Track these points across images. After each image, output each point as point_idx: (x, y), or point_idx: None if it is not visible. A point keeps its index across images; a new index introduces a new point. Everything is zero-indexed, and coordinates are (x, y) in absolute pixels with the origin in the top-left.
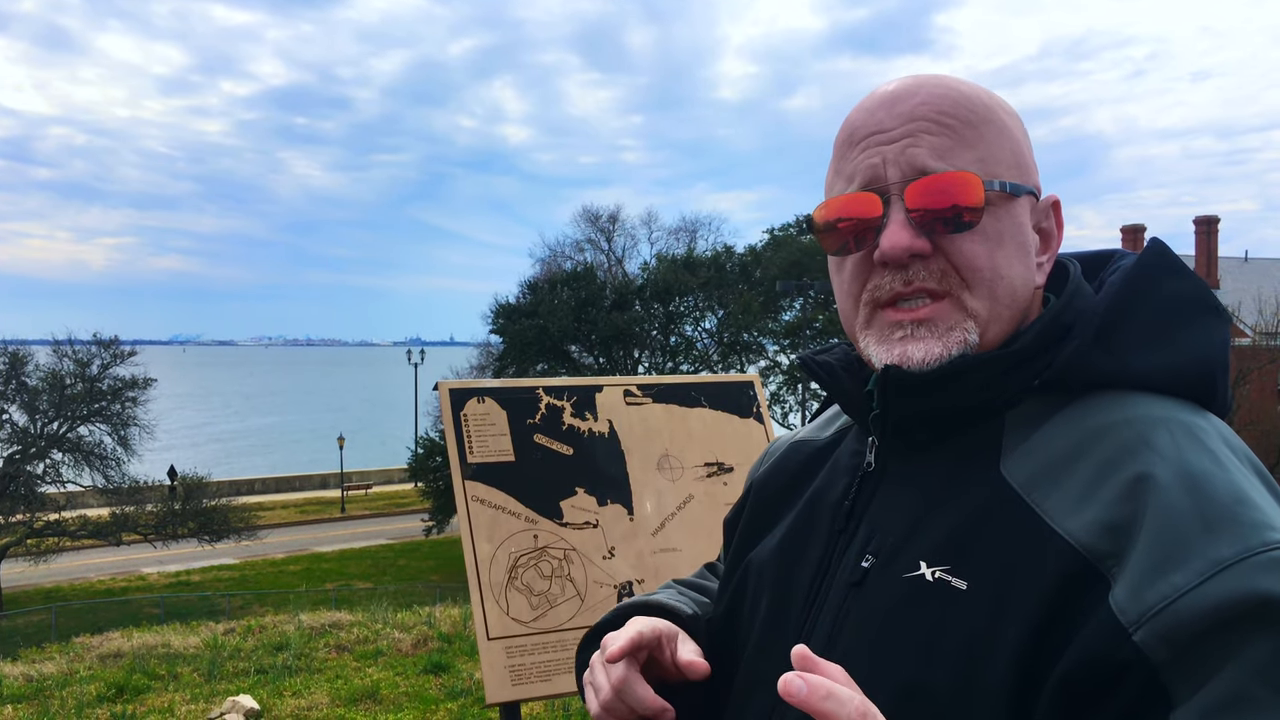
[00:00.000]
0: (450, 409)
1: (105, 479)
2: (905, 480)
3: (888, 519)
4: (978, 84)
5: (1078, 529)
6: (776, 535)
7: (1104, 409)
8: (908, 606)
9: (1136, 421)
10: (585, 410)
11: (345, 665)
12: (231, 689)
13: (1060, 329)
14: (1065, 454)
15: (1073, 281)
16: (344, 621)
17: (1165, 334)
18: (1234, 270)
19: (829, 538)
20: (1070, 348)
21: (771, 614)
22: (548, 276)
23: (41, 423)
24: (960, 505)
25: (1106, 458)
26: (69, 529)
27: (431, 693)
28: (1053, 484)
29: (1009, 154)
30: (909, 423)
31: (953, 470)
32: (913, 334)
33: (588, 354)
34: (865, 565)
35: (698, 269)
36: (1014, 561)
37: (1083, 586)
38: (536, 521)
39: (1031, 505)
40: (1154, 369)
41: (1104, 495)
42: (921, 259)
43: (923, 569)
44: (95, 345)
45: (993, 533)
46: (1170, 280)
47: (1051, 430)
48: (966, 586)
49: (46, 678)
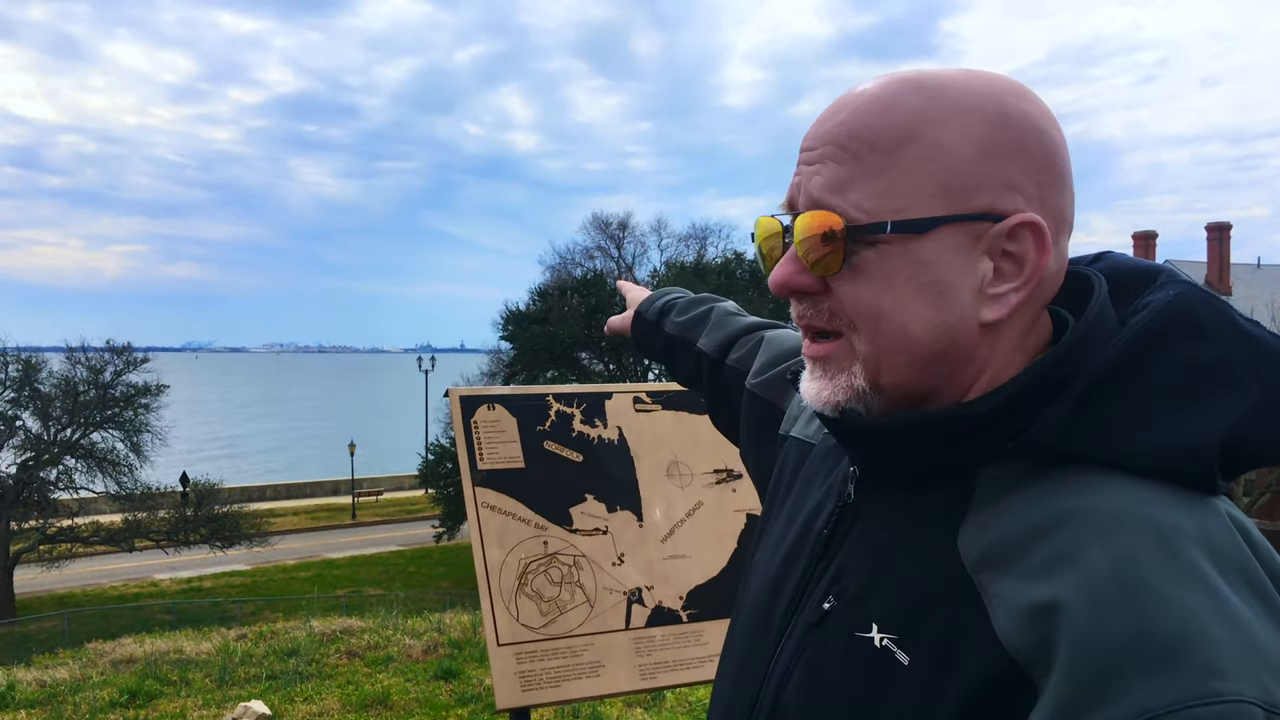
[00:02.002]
0: (461, 416)
1: (118, 485)
2: (878, 522)
3: (855, 562)
4: (940, 81)
5: (1010, 626)
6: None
7: (1074, 491)
8: (852, 667)
9: (1100, 516)
10: (595, 417)
11: (356, 671)
12: (243, 695)
13: (1052, 385)
14: (1020, 536)
15: (1084, 320)
16: (355, 628)
17: (1166, 410)
18: (1246, 277)
19: (807, 564)
20: (1048, 416)
21: (750, 629)
22: (558, 283)
23: (55, 429)
24: (917, 572)
25: (1056, 552)
26: (82, 535)
27: (442, 699)
28: (1003, 567)
29: (931, 181)
30: (876, 467)
31: (917, 527)
32: (812, 371)
33: (597, 361)
34: (826, 607)
35: (707, 276)
36: (952, 647)
37: (1011, 691)
38: (546, 528)
39: (979, 588)
40: (1143, 450)
41: (1042, 593)
42: (810, 296)
43: (874, 633)
44: (108, 352)
45: (940, 611)
46: (1186, 345)
47: (1015, 503)
48: (908, 662)
49: (59, 683)
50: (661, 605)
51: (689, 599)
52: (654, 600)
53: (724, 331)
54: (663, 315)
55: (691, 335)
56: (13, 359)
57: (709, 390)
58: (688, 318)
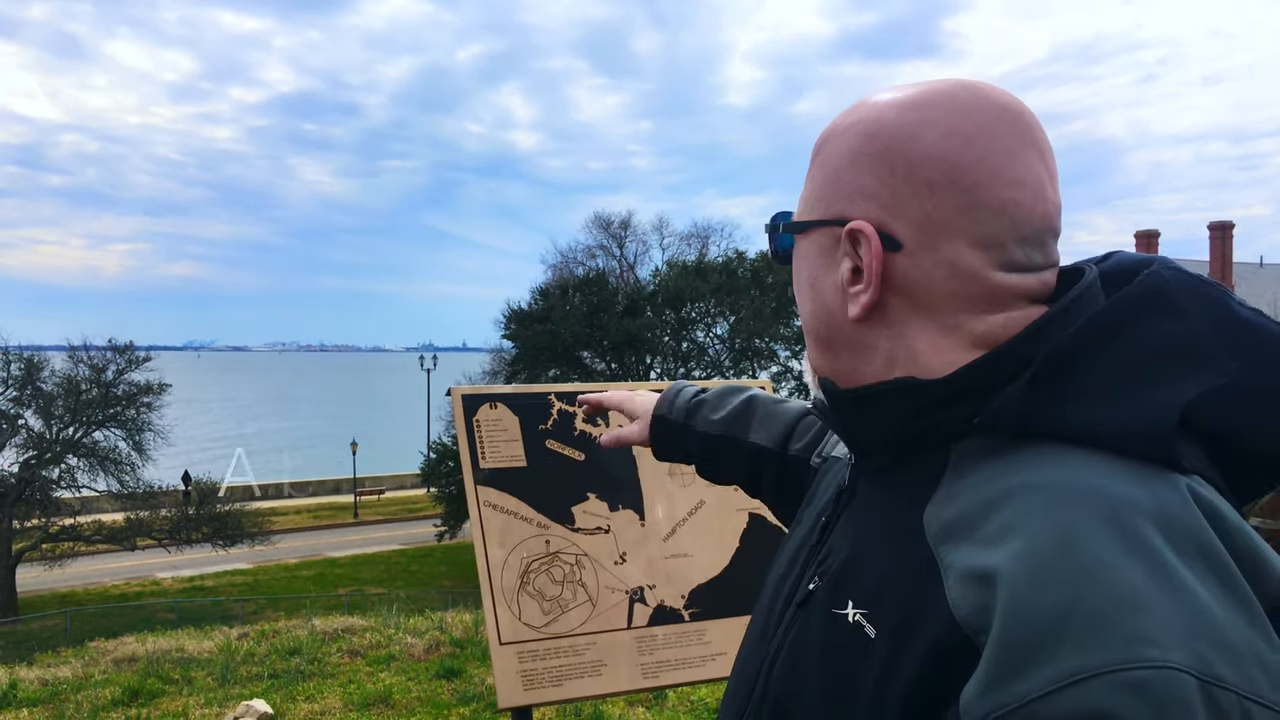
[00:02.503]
0: (463, 414)
1: (120, 484)
2: (865, 505)
3: (840, 543)
4: (866, 100)
5: (958, 595)
6: (794, 535)
7: (1030, 465)
8: (829, 645)
9: (1050, 488)
10: (597, 416)
11: (358, 670)
12: (245, 693)
13: (1019, 362)
14: (976, 508)
15: (1059, 305)
16: (356, 626)
17: (1124, 384)
18: (1249, 276)
19: (808, 553)
20: (1007, 393)
21: (756, 620)
22: (560, 282)
23: (57, 428)
24: (888, 547)
25: (1004, 523)
26: (84, 534)
27: (444, 697)
28: (958, 539)
29: (816, 188)
30: (868, 444)
31: (894, 504)
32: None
33: (599, 360)
34: (810, 587)
35: (709, 275)
36: (913, 619)
37: (958, 659)
38: (548, 527)
39: (937, 559)
40: (1100, 424)
41: (985, 560)
42: None
43: (849, 609)
44: (110, 351)
45: (904, 583)
46: (1155, 320)
47: (978, 476)
48: (874, 635)
49: (61, 681)
50: (664, 604)
51: (691, 598)
52: (656, 599)
53: (780, 423)
54: (691, 415)
55: (738, 431)
56: (15, 358)
57: (774, 483)
58: (727, 413)
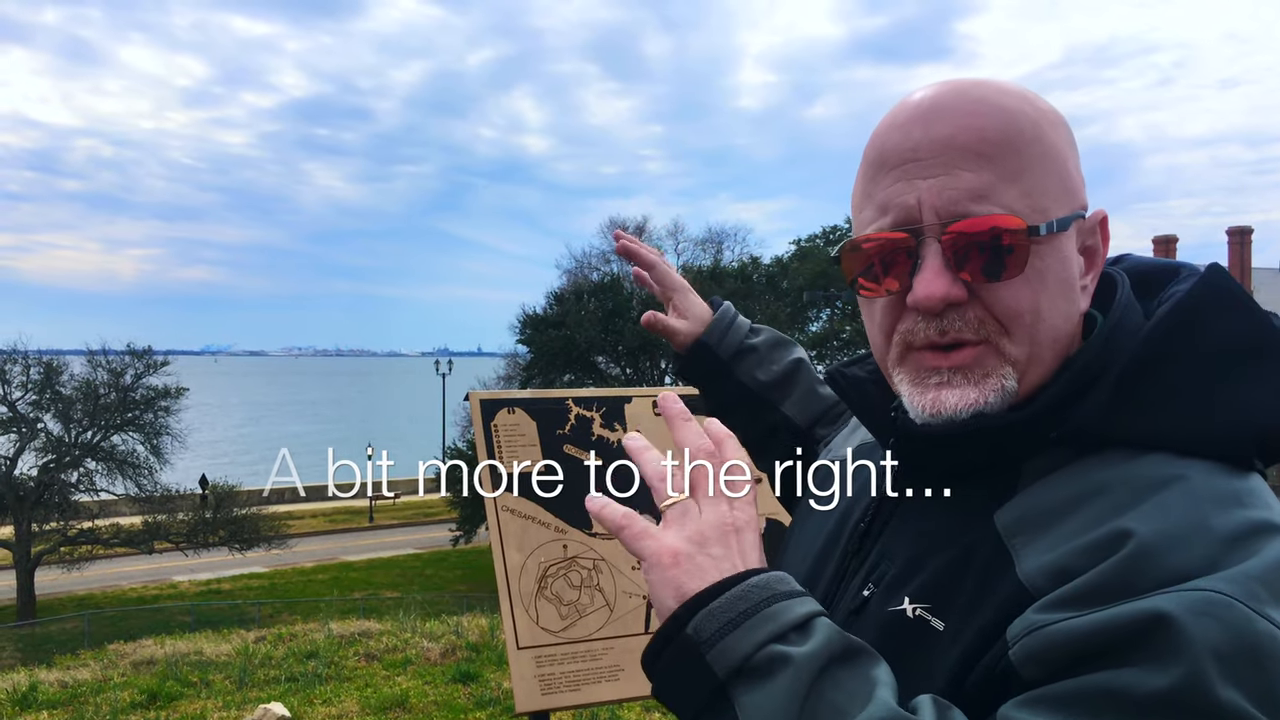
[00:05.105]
0: (481, 419)
1: (138, 487)
2: (919, 513)
3: (895, 549)
4: (1018, 89)
5: (1034, 570)
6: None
7: (1110, 466)
8: (887, 640)
9: (1136, 481)
10: (614, 421)
11: (374, 674)
12: (263, 696)
13: (1086, 380)
14: (1057, 505)
15: (1113, 315)
16: (373, 630)
17: (1202, 387)
18: (1268, 281)
19: (842, 558)
20: (1087, 406)
21: None
22: (574, 287)
23: (76, 432)
24: (955, 551)
25: (1095, 514)
26: (102, 537)
27: (460, 701)
28: (1036, 532)
29: (1056, 181)
30: (922, 464)
31: (959, 512)
32: (949, 381)
33: (614, 364)
34: (865, 594)
35: (724, 280)
36: (979, 603)
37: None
38: (566, 531)
39: (1010, 550)
40: (1178, 430)
41: (1075, 545)
42: (957, 308)
43: (906, 604)
44: (129, 355)
45: (971, 575)
46: (1222, 320)
47: (1054, 481)
48: (943, 627)
49: (81, 684)
50: None
51: None
52: None
53: (819, 404)
54: (738, 359)
55: (776, 397)
56: (35, 362)
57: (782, 456)
58: (773, 373)
